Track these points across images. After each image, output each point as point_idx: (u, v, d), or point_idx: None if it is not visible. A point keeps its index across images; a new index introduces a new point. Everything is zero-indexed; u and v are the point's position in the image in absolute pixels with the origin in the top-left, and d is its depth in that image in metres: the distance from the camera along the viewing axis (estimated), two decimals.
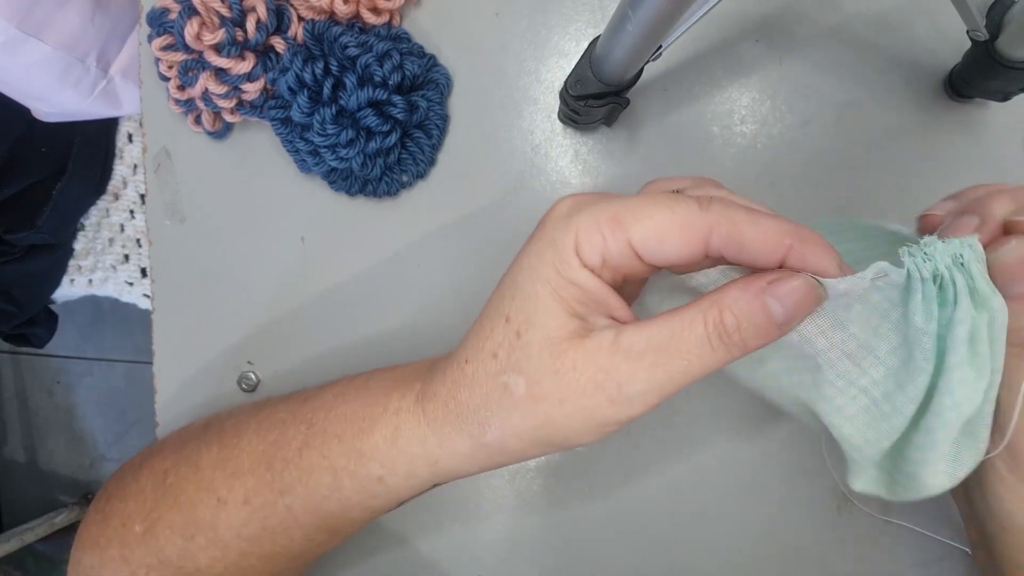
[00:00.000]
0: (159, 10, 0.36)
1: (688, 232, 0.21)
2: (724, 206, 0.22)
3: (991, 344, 0.21)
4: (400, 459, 0.27)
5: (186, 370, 0.41)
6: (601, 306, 0.23)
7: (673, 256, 0.22)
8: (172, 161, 0.41)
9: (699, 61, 0.37)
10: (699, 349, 0.22)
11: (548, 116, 0.38)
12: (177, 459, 0.32)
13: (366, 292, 0.40)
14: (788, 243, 0.21)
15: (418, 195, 0.39)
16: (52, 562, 1.31)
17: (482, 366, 0.24)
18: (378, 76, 0.35)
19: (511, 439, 0.24)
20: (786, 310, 0.21)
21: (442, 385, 0.26)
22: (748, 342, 0.22)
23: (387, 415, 0.27)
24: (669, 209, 0.22)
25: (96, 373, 1.36)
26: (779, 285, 0.21)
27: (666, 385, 0.22)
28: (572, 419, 0.23)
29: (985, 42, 0.31)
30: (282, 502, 0.29)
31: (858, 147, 0.37)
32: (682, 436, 0.39)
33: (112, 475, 0.35)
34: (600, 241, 0.22)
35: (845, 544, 0.38)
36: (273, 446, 0.30)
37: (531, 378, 0.23)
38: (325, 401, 0.30)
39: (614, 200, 0.23)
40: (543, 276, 0.23)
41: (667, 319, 0.22)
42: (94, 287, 0.91)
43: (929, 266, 0.21)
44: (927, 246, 0.21)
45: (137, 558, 0.31)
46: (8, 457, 1.39)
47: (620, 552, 0.39)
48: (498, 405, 0.24)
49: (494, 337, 0.24)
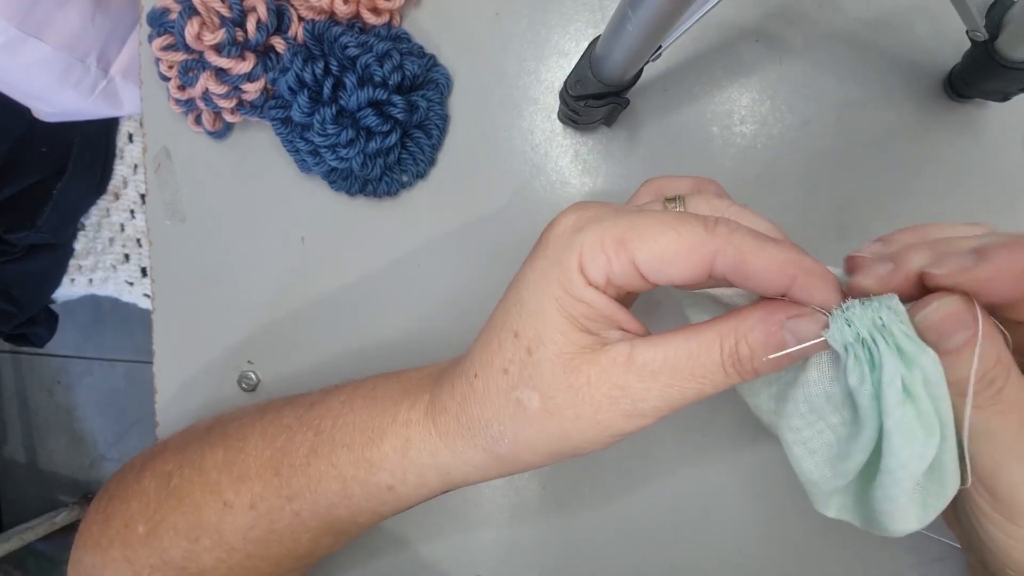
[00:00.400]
0: (159, 10, 0.36)
1: (693, 256, 0.21)
2: (730, 230, 0.21)
3: (932, 401, 0.21)
4: (411, 469, 0.27)
5: (186, 370, 0.41)
6: (610, 320, 0.23)
7: (677, 278, 0.22)
8: (172, 161, 0.41)
9: (699, 61, 0.37)
10: (713, 375, 0.22)
11: (548, 116, 0.38)
12: (181, 461, 0.32)
13: (366, 292, 0.40)
14: (792, 273, 0.21)
15: (418, 195, 0.39)
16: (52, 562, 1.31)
17: (493, 382, 0.25)
18: (378, 76, 0.35)
19: (525, 451, 0.25)
20: (800, 342, 0.22)
21: (451, 399, 0.26)
22: (760, 371, 0.22)
23: (396, 426, 0.27)
24: (675, 231, 0.21)
25: (96, 373, 1.36)
26: (798, 322, 0.21)
27: (679, 402, 0.23)
28: (586, 432, 0.23)
29: (985, 42, 0.31)
30: (290, 507, 0.29)
31: (858, 147, 0.37)
32: (682, 437, 0.39)
33: (112, 476, 0.35)
34: (604, 262, 0.22)
35: (845, 544, 0.38)
36: (280, 452, 0.30)
37: (545, 393, 0.23)
38: (332, 408, 0.30)
39: (619, 218, 0.22)
40: (550, 293, 0.23)
41: (684, 340, 0.22)
42: (94, 287, 0.91)
43: (852, 331, 0.21)
44: (848, 310, 0.21)
45: (140, 559, 0.31)
46: (8, 457, 1.39)
47: (620, 553, 0.39)
48: (511, 419, 0.24)
49: (503, 353, 0.24)
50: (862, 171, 0.37)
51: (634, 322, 0.24)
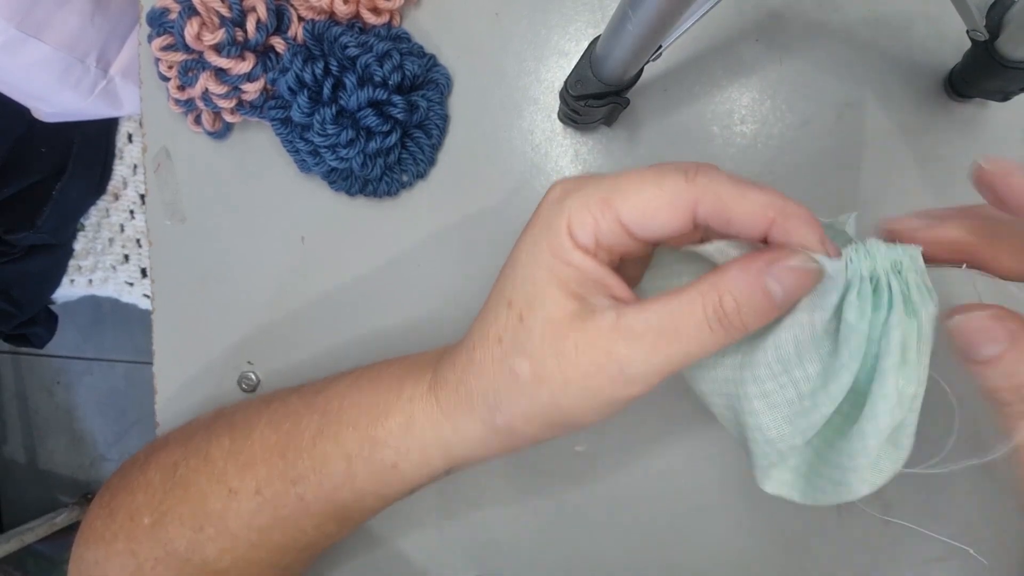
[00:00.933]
0: (159, 10, 0.36)
1: (675, 205, 0.22)
2: (710, 178, 0.22)
3: (918, 356, 0.21)
4: (414, 445, 0.27)
5: (186, 370, 0.41)
6: (600, 286, 0.23)
7: (662, 230, 0.22)
8: (172, 161, 0.41)
9: (699, 61, 0.37)
10: (698, 332, 0.22)
11: (548, 116, 0.38)
12: (186, 451, 0.32)
13: (366, 292, 0.40)
14: (771, 216, 0.21)
15: (418, 195, 0.39)
16: (52, 562, 1.31)
17: (488, 352, 0.25)
18: (378, 76, 0.35)
19: (519, 421, 0.24)
20: (785, 290, 0.21)
21: (452, 372, 0.26)
22: (748, 324, 0.22)
23: (401, 402, 0.28)
24: (655, 184, 0.22)
25: (96, 373, 1.36)
26: (778, 265, 0.21)
27: (666, 366, 0.22)
28: (577, 400, 0.23)
29: (985, 42, 0.31)
30: (294, 491, 0.29)
31: (858, 147, 0.37)
32: (682, 435, 0.39)
33: (115, 472, 0.35)
34: (591, 222, 0.23)
35: (845, 544, 0.38)
36: (287, 436, 0.30)
37: (535, 360, 0.23)
38: (339, 391, 0.30)
39: (604, 180, 0.23)
40: (540, 260, 0.23)
41: (667, 301, 0.22)
42: (94, 287, 0.91)
43: (868, 264, 0.21)
44: (871, 246, 0.21)
45: (144, 551, 0.31)
46: (8, 457, 1.39)
47: (620, 551, 0.39)
48: (506, 389, 0.24)
49: (498, 322, 0.25)
50: (862, 171, 0.37)
51: (624, 289, 0.24)
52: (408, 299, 0.40)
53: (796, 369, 0.23)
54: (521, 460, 0.39)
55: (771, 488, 0.25)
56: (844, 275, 0.21)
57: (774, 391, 0.23)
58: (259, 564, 0.31)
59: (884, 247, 0.21)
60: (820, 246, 0.22)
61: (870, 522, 0.38)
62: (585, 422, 0.24)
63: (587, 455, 0.39)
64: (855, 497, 0.23)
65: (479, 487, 0.40)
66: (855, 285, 0.21)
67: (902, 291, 0.21)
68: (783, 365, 0.23)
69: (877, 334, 0.21)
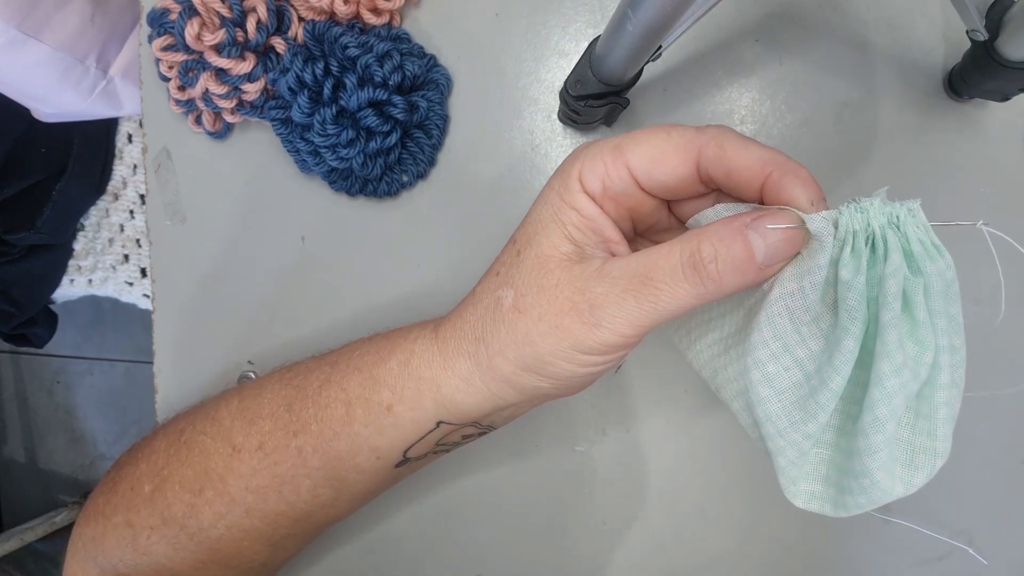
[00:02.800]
0: (159, 10, 0.36)
1: (681, 153, 0.23)
2: (719, 130, 0.23)
3: (930, 315, 0.19)
4: (409, 383, 0.27)
5: (186, 370, 0.42)
6: (599, 236, 0.24)
7: (667, 177, 0.23)
8: (172, 161, 0.41)
9: (699, 61, 0.37)
10: (671, 278, 0.22)
11: (548, 116, 0.38)
12: (194, 417, 0.33)
13: (366, 292, 0.40)
14: (769, 171, 0.22)
15: (418, 195, 0.39)
16: (52, 562, 1.31)
17: (486, 283, 0.26)
18: (378, 76, 0.35)
19: (498, 356, 0.25)
20: (768, 246, 0.21)
21: (455, 310, 0.28)
22: (724, 277, 0.21)
23: (406, 343, 0.28)
24: (665, 133, 0.23)
25: (96, 373, 1.36)
26: (762, 220, 0.21)
27: (636, 313, 0.22)
28: (547, 337, 0.24)
29: (985, 42, 0.31)
30: (294, 444, 0.29)
31: (858, 147, 0.37)
32: (680, 434, 0.39)
33: (123, 452, 0.35)
34: (602, 168, 0.23)
35: (845, 544, 0.38)
36: (296, 389, 0.30)
37: (518, 291, 0.24)
38: (352, 346, 0.31)
39: (619, 136, 0.24)
40: (549, 201, 0.25)
41: (649, 251, 0.23)
42: (94, 287, 0.91)
43: (861, 219, 0.20)
44: (864, 203, 0.20)
45: (142, 520, 0.31)
46: (8, 457, 1.39)
47: (619, 551, 0.39)
48: (491, 319, 0.25)
49: (500, 259, 0.26)
50: (862, 171, 0.37)
51: (622, 244, 0.25)
52: (408, 299, 0.40)
53: (798, 348, 0.22)
54: (521, 459, 0.39)
55: (801, 503, 0.23)
56: (833, 234, 0.20)
57: (777, 375, 0.22)
58: (251, 533, 0.31)
59: (879, 203, 0.20)
60: (809, 206, 0.21)
61: (870, 522, 0.38)
62: (556, 370, 0.24)
63: (587, 455, 0.39)
64: (889, 499, 0.21)
65: (479, 487, 0.40)
66: (848, 242, 0.20)
67: (901, 245, 0.20)
68: (782, 343, 0.22)
69: (875, 293, 0.20)
